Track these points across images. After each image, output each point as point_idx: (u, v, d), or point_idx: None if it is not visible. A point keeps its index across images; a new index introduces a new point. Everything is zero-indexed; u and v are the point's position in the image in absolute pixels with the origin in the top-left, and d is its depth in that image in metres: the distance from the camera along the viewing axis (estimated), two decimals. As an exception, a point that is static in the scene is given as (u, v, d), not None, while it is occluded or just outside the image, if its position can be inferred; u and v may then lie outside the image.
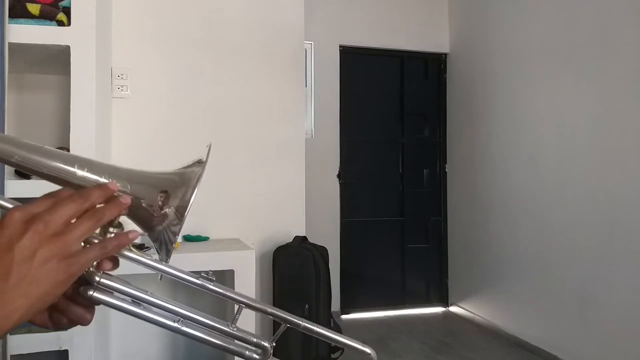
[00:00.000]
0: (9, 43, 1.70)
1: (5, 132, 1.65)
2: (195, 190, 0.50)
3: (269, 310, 0.57)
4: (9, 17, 1.72)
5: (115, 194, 0.49)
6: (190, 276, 0.54)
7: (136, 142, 2.48)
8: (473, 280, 4.02)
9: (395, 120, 4.42)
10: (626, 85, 2.62)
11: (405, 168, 4.41)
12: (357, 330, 3.73)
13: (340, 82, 4.19)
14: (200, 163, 0.52)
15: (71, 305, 0.50)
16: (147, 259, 0.51)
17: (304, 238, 2.62)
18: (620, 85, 2.66)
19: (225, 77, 2.63)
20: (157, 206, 0.50)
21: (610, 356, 2.68)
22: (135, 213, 0.51)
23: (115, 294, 0.50)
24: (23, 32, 1.81)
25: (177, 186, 0.51)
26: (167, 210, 0.50)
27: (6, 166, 1.69)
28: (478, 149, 3.94)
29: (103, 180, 0.50)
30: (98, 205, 0.48)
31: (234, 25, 2.65)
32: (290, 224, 2.70)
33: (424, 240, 4.45)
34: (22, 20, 1.83)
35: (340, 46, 4.20)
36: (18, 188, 1.66)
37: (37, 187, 0.54)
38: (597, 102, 2.80)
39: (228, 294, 0.55)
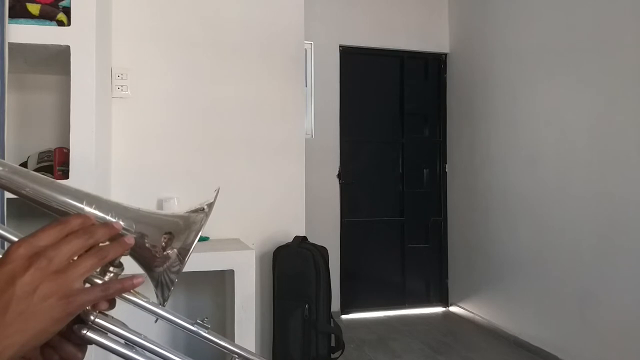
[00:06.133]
0: (9, 43, 1.70)
1: (5, 132, 1.65)
2: (199, 235, 0.50)
3: None
4: (9, 17, 1.72)
5: (120, 232, 0.50)
6: (185, 322, 0.53)
7: (136, 142, 2.48)
8: (473, 280, 4.02)
9: (395, 120, 4.42)
10: (626, 85, 2.62)
11: (405, 168, 4.41)
12: (357, 330, 3.73)
13: (340, 82, 4.19)
14: (203, 210, 0.52)
15: (63, 342, 0.50)
16: (144, 301, 0.51)
17: (304, 238, 2.62)
18: (620, 86, 2.66)
19: (225, 77, 2.63)
20: (160, 247, 0.51)
21: (610, 356, 2.68)
22: (138, 253, 0.51)
23: (109, 335, 0.49)
24: (23, 32, 1.81)
25: (181, 229, 0.51)
26: (169, 252, 0.51)
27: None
28: (478, 149, 3.94)
29: (109, 218, 0.51)
30: (101, 244, 0.48)
31: (234, 25, 2.65)
32: (290, 224, 2.70)
33: (424, 240, 4.45)
34: (22, 20, 1.83)
35: (340, 46, 4.20)
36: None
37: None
38: (597, 102, 2.80)
39: (222, 343, 0.55)
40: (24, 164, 2.13)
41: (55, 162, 2.03)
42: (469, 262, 4.08)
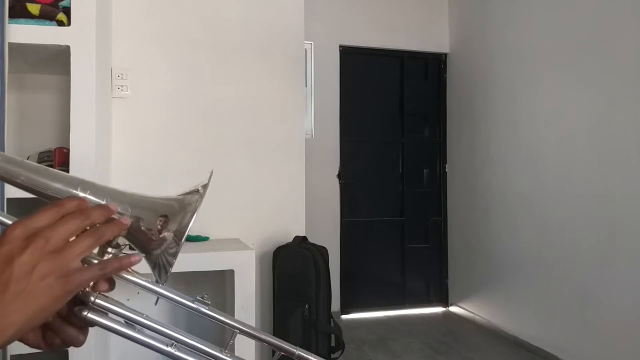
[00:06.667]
0: (9, 43, 1.70)
1: (5, 132, 1.65)
2: (194, 217, 0.50)
3: (263, 337, 0.57)
4: (9, 17, 1.72)
5: (115, 215, 0.50)
6: (186, 299, 0.54)
7: (136, 142, 2.48)
8: (473, 280, 4.02)
9: (395, 120, 4.42)
10: (626, 85, 2.62)
11: (405, 168, 4.41)
12: (357, 330, 3.73)
13: (340, 82, 4.19)
14: (198, 192, 0.53)
15: (65, 325, 0.50)
16: (144, 280, 0.52)
17: (304, 238, 2.62)
18: (620, 85, 2.66)
19: (225, 77, 2.63)
20: (155, 230, 0.51)
21: (610, 356, 2.68)
22: (134, 236, 0.52)
23: (110, 315, 0.49)
24: (23, 32, 1.81)
25: (176, 212, 0.52)
26: (165, 234, 0.51)
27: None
28: (478, 149, 3.94)
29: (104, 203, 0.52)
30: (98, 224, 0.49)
31: (234, 25, 2.65)
32: (290, 224, 2.70)
33: (424, 240, 4.45)
34: (22, 20, 1.83)
35: (340, 46, 4.20)
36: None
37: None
38: (597, 102, 2.80)
39: (222, 319, 0.55)
40: (24, 164, 2.13)
41: (55, 162, 2.03)
42: (469, 262, 4.08)
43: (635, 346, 2.52)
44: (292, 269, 2.52)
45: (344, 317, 4.06)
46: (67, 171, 1.87)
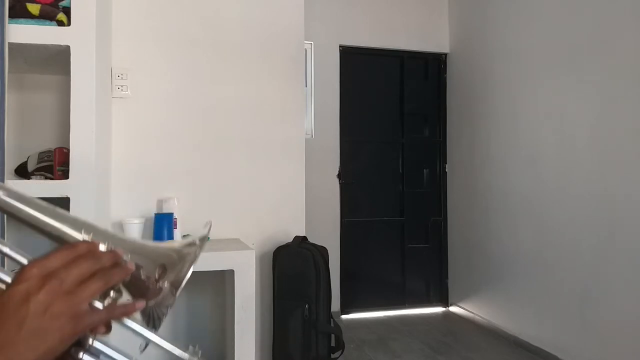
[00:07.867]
0: (9, 43, 1.70)
1: (5, 132, 1.65)
2: (191, 269, 0.51)
3: None
4: (9, 17, 1.72)
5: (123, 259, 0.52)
6: (177, 351, 0.54)
7: (136, 142, 2.48)
8: (473, 280, 4.02)
9: (395, 120, 4.42)
10: (626, 86, 2.62)
11: (405, 168, 4.41)
12: (357, 330, 3.73)
13: (340, 82, 4.19)
14: (195, 244, 0.54)
15: None
16: (140, 327, 0.52)
17: (304, 238, 2.62)
18: (620, 85, 2.66)
19: (225, 77, 2.63)
20: (153, 278, 0.52)
21: (610, 356, 2.68)
22: (132, 283, 0.53)
23: (102, 357, 0.51)
24: (23, 32, 1.81)
25: (174, 262, 0.53)
26: (161, 283, 0.52)
27: (5, 164, 1.69)
28: (478, 149, 3.94)
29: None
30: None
31: (234, 25, 2.65)
32: (290, 224, 2.70)
33: (424, 240, 4.45)
34: (22, 20, 1.83)
35: (340, 46, 4.20)
36: (18, 188, 1.66)
37: (36, 187, 0.55)
38: (597, 102, 2.80)
39: None
40: (24, 164, 2.13)
41: (55, 162, 2.03)
42: (469, 262, 4.08)
43: (635, 346, 2.52)
44: (292, 269, 2.52)
45: (344, 317, 4.06)
46: (67, 171, 1.87)
